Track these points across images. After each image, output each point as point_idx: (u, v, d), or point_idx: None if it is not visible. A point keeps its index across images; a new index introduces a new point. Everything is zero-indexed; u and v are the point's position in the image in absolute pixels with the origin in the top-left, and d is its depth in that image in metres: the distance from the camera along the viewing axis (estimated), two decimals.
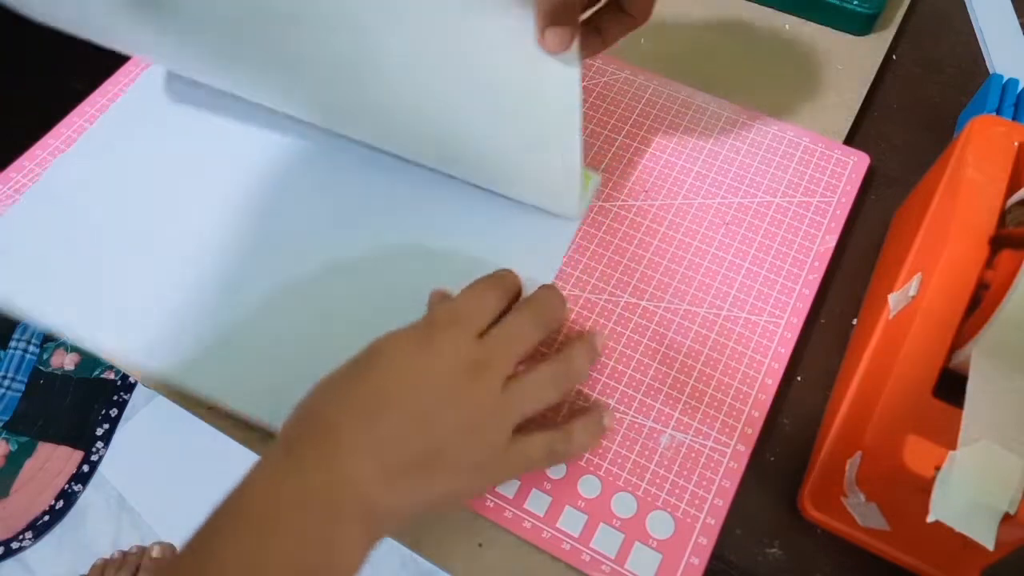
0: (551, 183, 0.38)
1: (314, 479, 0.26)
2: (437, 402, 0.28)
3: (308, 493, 0.26)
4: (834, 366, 0.38)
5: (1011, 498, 0.24)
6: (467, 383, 0.29)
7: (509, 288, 0.33)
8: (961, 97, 0.46)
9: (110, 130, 0.45)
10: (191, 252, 0.40)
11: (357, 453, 0.27)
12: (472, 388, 0.29)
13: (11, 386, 1.04)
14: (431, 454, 0.28)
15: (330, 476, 0.26)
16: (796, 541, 0.34)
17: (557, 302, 0.33)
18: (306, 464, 0.27)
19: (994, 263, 0.30)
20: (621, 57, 0.48)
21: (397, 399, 0.28)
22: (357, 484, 0.26)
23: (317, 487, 0.26)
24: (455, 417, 0.28)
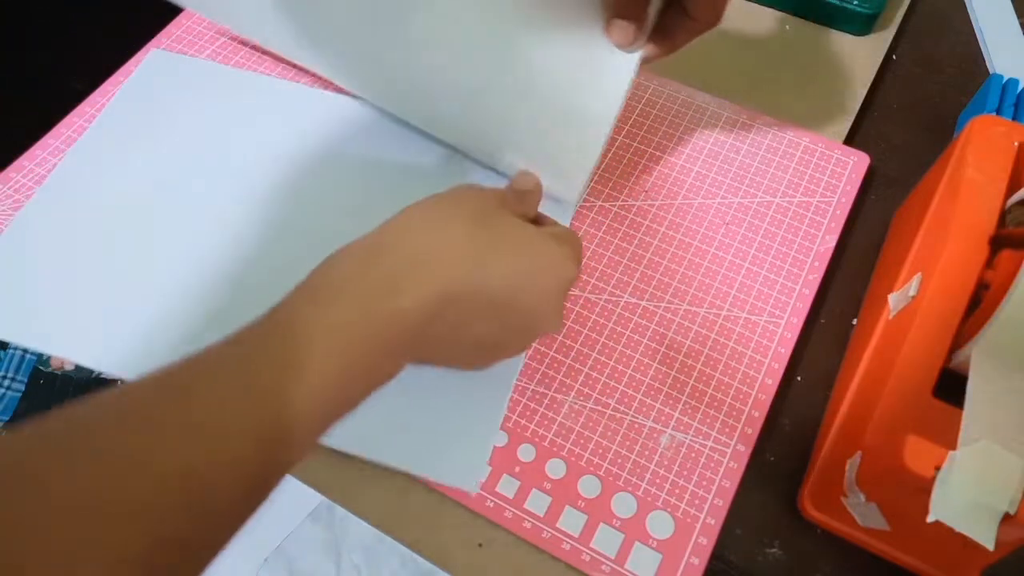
0: (565, 163, 0.38)
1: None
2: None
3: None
4: (834, 366, 0.38)
5: (1011, 498, 0.24)
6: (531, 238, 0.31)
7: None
8: (961, 97, 0.46)
9: (86, 159, 0.45)
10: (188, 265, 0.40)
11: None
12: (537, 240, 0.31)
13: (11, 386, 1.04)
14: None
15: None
16: (796, 541, 0.34)
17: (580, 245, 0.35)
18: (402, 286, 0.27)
19: (994, 263, 0.30)
20: None
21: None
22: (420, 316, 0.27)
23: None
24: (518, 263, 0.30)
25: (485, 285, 0.29)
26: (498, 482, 0.34)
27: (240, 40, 0.50)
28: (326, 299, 0.26)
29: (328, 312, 0.26)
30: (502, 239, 0.30)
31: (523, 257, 0.30)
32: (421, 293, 0.27)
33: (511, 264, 0.29)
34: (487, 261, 0.29)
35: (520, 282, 0.30)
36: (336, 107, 0.46)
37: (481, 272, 0.29)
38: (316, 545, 1.05)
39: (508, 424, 0.36)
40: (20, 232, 0.42)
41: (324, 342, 0.25)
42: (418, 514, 0.34)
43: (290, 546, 1.04)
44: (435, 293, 0.27)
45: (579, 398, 0.36)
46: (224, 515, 0.23)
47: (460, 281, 0.28)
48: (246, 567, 1.03)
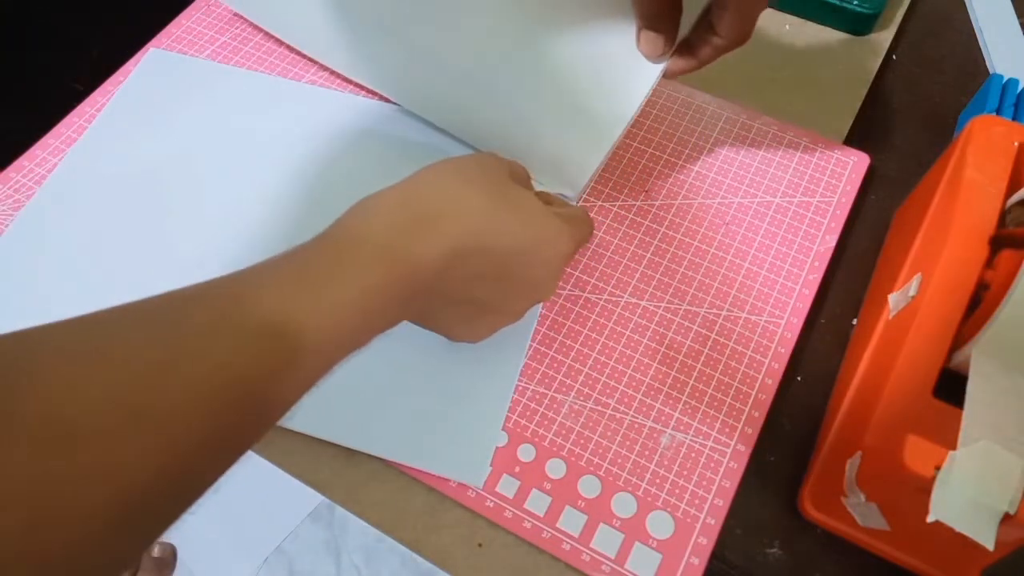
0: (573, 160, 0.38)
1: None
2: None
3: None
4: (834, 366, 0.38)
5: (1011, 498, 0.24)
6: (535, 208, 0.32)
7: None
8: (961, 97, 0.46)
9: (79, 167, 0.45)
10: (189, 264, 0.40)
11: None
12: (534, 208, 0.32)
13: None
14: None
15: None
16: (796, 541, 0.34)
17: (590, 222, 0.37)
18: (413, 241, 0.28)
19: (994, 263, 0.30)
20: None
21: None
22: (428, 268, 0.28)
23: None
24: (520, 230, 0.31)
25: (496, 244, 0.30)
26: (498, 482, 0.34)
27: (240, 40, 0.50)
28: (353, 240, 0.27)
29: (353, 253, 0.27)
30: (517, 206, 0.31)
31: (532, 227, 0.31)
32: (436, 243, 0.28)
33: (521, 230, 0.31)
34: (500, 223, 0.30)
35: (527, 247, 0.31)
36: (335, 105, 0.46)
37: (493, 232, 0.30)
38: (316, 545, 1.05)
39: (508, 424, 0.36)
40: (21, 233, 0.42)
41: (350, 271, 0.26)
42: (418, 514, 0.34)
43: (290, 546, 1.04)
44: (448, 246, 0.28)
45: (579, 398, 0.36)
46: (235, 428, 0.23)
47: (473, 236, 0.29)
48: (246, 567, 1.03)
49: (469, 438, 0.35)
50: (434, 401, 0.36)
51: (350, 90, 0.47)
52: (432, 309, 0.32)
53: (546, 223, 0.32)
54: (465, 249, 0.29)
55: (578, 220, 0.35)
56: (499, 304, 0.33)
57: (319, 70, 0.48)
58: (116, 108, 0.46)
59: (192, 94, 0.47)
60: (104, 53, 0.46)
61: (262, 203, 0.42)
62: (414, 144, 0.44)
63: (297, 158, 0.44)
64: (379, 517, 0.34)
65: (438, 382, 0.36)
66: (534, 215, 0.32)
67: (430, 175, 0.31)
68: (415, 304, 0.29)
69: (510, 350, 0.37)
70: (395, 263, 0.27)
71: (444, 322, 0.33)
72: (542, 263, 0.32)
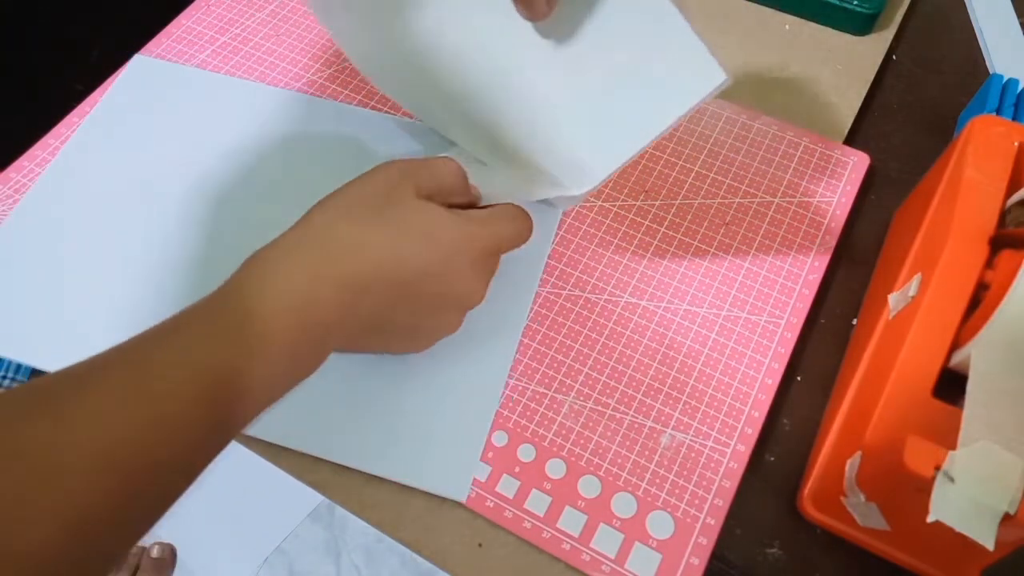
0: (594, 160, 0.38)
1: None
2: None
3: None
4: (834, 366, 0.38)
5: (1011, 498, 0.24)
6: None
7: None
8: (961, 97, 0.46)
9: (65, 172, 0.44)
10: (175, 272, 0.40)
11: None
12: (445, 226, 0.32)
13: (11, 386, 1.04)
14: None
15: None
16: (796, 541, 0.34)
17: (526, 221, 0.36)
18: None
19: (994, 263, 0.30)
20: None
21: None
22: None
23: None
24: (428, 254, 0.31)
25: (398, 272, 0.30)
26: (498, 482, 0.34)
27: (239, 41, 0.50)
28: (251, 294, 0.28)
29: (257, 303, 0.27)
30: (415, 227, 0.31)
31: (434, 244, 0.31)
32: (334, 285, 0.28)
33: (422, 251, 0.31)
34: (398, 250, 0.30)
35: (432, 267, 0.31)
36: (320, 112, 0.46)
37: (393, 261, 0.30)
38: (316, 545, 1.05)
39: (508, 424, 0.36)
40: (4, 243, 0.41)
41: (255, 331, 0.27)
42: (418, 514, 0.34)
43: (290, 546, 1.04)
44: (347, 284, 0.29)
45: (579, 398, 0.36)
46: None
47: (372, 269, 0.29)
48: (246, 567, 1.03)
49: (451, 454, 0.35)
50: (416, 416, 0.36)
51: (339, 99, 0.47)
52: (354, 342, 0.33)
53: (451, 235, 0.32)
54: (366, 285, 0.29)
55: (496, 219, 0.34)
56: (424, 325, 0.34)
57: (311, 77, 0.48)
58: (100, 115, 0.46)
59: (177, 101, 0.47)
60: (104, 53, 0.46)
61: (245, 207, 0.42)
62: (398, 153, 0.44)
63: (280, 164, 0.44)
64: (379, 517, 0.34)
65: (421, 397, 0.36)
66: (435, 230, 0.31)
67: (320, 217, 0.31)
68: (331, 344, 0.30)
69: (494, 366, 0.37)
70: (295, 317, 0.27)
71: (376, 347, 0.34)
72: (456, 276, 0.32)
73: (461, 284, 0.33)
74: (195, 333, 0.26)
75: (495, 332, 0.38)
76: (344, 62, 0.48)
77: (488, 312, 0.38)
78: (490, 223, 0.34)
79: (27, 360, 0.38)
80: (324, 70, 0.48)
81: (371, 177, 0.32)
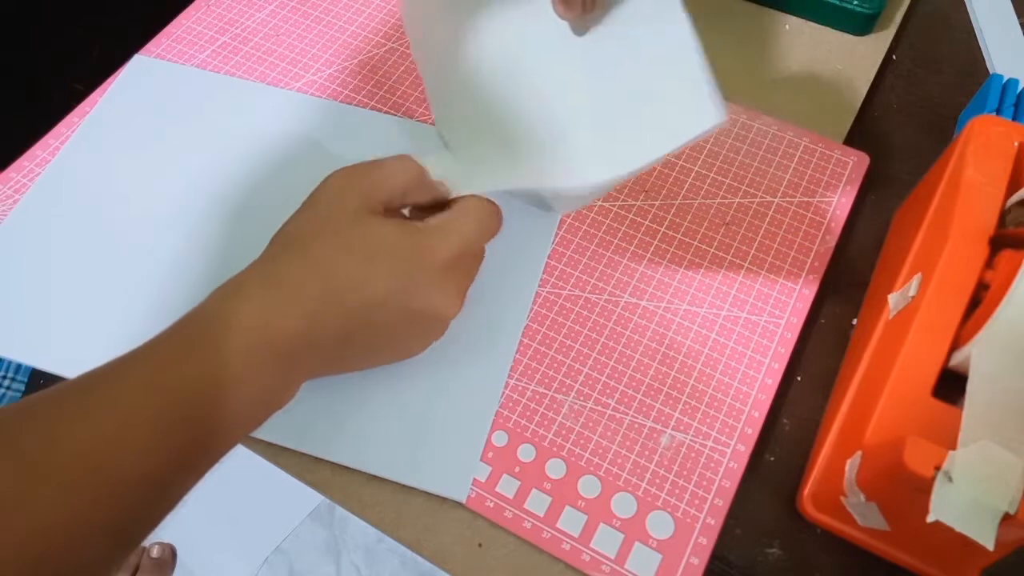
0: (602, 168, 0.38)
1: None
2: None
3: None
4: (834, 366, 0.38)
5: (1011, 498, 0.24)
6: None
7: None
8: (961, 97, 0.46)
9: (66, 170, 0.45)
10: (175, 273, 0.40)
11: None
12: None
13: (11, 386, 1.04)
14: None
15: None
16: (796, 541, 0.34)
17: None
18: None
19: (994, 263, 0.30)
20: None
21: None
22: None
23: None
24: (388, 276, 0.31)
25: (347, 299, 0.30)
26: (498, 482, 0.34)
27: (239, 41, 0.50)
28: (218, 326, 0.28)
29: (223, 335, 0.28)
30: (368, 248, 0.30)
31: (375, 265, 0.30)
32: (293, 317, 0.29)
33: (365, 273, 0.30)
34: (353, 275, 0.30)
35: (381, 289, 0.30)
36: (320, 112, 0.46)
37: (337, 290, 0.30)
38: (316, 545, 1.05)
39: (508, 424, 0.36)
40: (4, 243, 0.41)
41: (222, 361, 0.27)
42: (418, 514, 0.34)
43: (290, 546, 1.04)
44: (305, 315, 0.29)
45: (579, 398, 0.36)
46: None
47: (321, 301, 0.29)
48: (246, 567, 1.03)
49: (451, 454, 0.35)
50: (416, 416, 0.36)
51: (338, 99, 0.47)
52: (330, 365, 0.32)
53: (401, 252, 0.31)
54: (321, 315, 0.29)
55: (456, 220, 0.33)
56: (400, 337, 0.33)
57: (311, 77, 0.48)
58: (100, 115, 0.46)
59: (177, 101, 0.47)
60: (104, 53, 0.46)
61: (245, 207, 0.42)
62: (403, 151, 0.44)
63: (279, 164, 0.44)
64: (379, 517, 0.34)
65: (421, 397, 0.36)
66: (380, 251, 0.31)
67: (271, 250, 0.31)
68: (301, 376, 0.30)
69: (494, 366, 0.37)
70: (261, 353, 0.28)
71: (357, 366, 0.34)
72: (418, 290, 0.31)
73: (426, 298, 0.32)
74: (164, 359, 0.27)
75: (495, 332, 0.38)
76: (344, 62, 0.48)
77: (488, 312, 0.38)
78: (448, 228, 0.33)
79: (27, 360, 0.38)
80: (324, 70, 0.48)
81: (316, 198, 0.32)
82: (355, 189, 0.32)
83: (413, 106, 0.46)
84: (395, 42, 0.49)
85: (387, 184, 0.33)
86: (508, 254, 0.40)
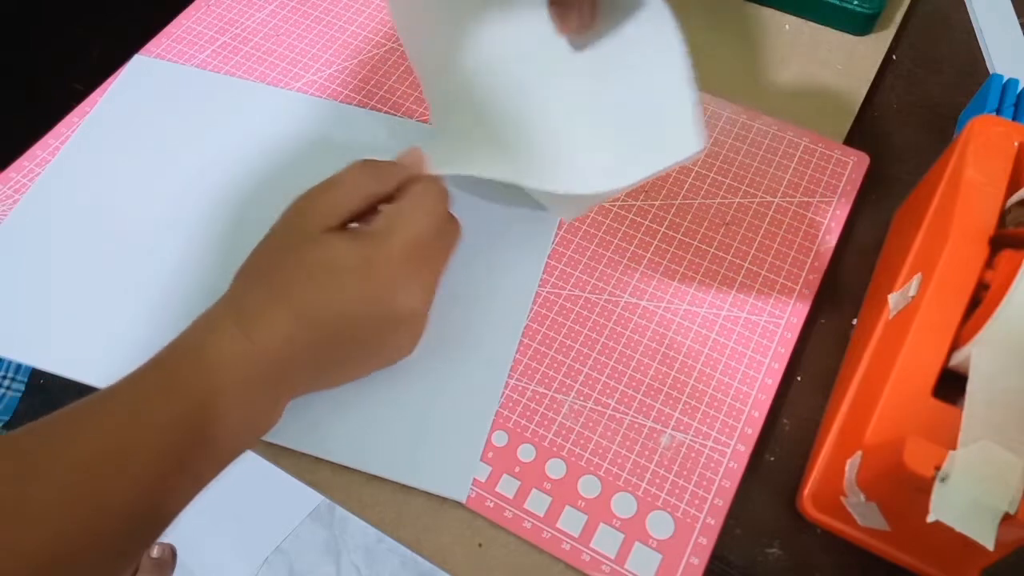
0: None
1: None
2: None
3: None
4: (834, 366, 0.38)
5: (1011, 498, 0.24)
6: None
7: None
8: (961, 97, 0.46)
9: (65, 173, 0.44)
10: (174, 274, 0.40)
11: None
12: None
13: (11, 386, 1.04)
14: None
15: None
16: (796, 541, 0.34)
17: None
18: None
19: (994, 263, 0.30)
20: None
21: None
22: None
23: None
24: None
25: (315, 326, 0.31)
26: (498, 482, 0.34)
27: (239, 41, 0.50)
28: (197, 357, 0.29)
29: (204, 364, 0.29)
30: (313, 276, 0.31)
31: (339, 281, 0.31)
32: (268, 350, 0.30)
33: (332, 294, 0.31)
34: (313, 301, 0.31)
35: (348, 302, 0.31)
36: (320, 112, 0.46)
37: (310, 314, 0.30)
38: (316, 545, 1.05)
39: (508, 424, 0.36)
40: (4, 242, 0.41)
41: (206, 388, 0.29)
42: (418, 514, 0.34)
43: (290, 546, 1.04)
44: (280, 344, 0.30)
45: (579, 398, 0.36)
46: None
47: (294, 334, 0.30)
48: (246, 567, 1.03)
49: (451, 454, 0.35)
50: (416, 416, 0.36)
51: (338, 99, 0.47)
52: (316, 382, 0.33)
53: (358, 259, 0.31)
54: (296, 339, 0.30)
55: (402, 214, 0.33)
56: (381, 344, 0.34)
57: (311, 77, 0.48)
58: (100, 115, 0.46)
59: (177, 101, 0.47)
60: (104, 53, 0.46)
61: (245, 207, 0.42)
62: (397, 153, 0.44)
63: (279, 164, 0.44)
64: (379, 517, 0.34)
65: (421, 397, 0.36)
66: (344, 262, 0.31)
67: (247, 283, 0.32)
68: (284, 392, 0.31)
69: (494, 366, 0.37)
70: (243, 382, 0.29)
71: (345, 378, 0.35)
72: (384, 294, 0.32)
73: (390, 300, 0.32)
74: (147, 395, 0.28)
75: (495, 332, 0.38)
76: (344, 62, 0.48)
77: (488, 312, 0.38)
78: (395, 225, 0.32)
79: (27, 360, 0.38)
80: (324, 70, 0.48)
81: (276, 228, 0.33)
82: (313, 213, 0.33)
83: (413, 106, 0.46)
84: (395, 42, 0.49)
85: (345, 202, 0.33)
86: (508, 254, 0.40)
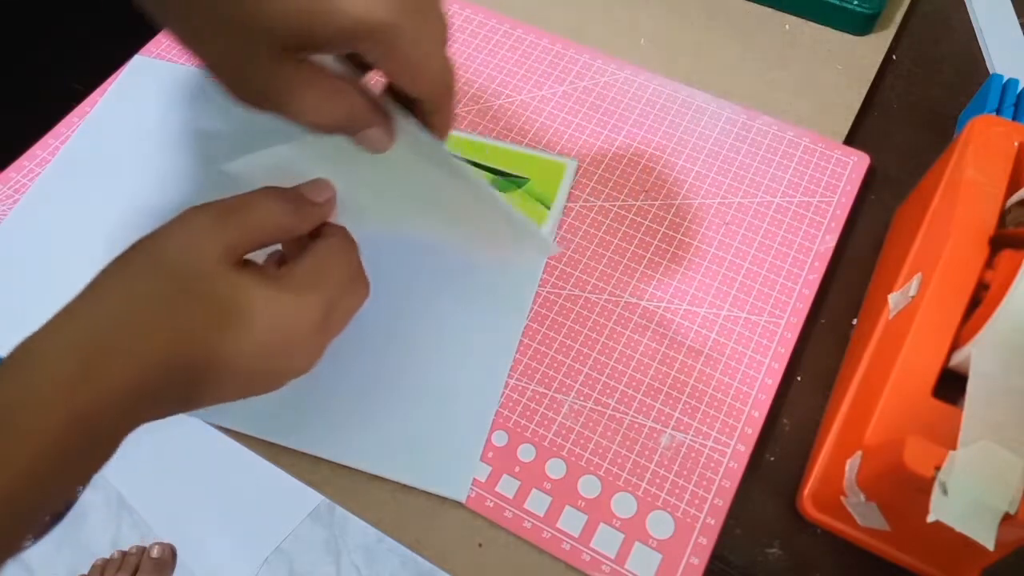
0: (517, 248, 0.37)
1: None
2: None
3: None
4: (834, 366, 0.38)
5: (1011, 498, 0.24)
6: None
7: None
8: (961, 97, 0.46)
9: (58, 179, 0.44)
10: None
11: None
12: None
13: None
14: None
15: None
16: (796, 541, 0.34)
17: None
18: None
19: (994, 263, 0.30)
20: (621, 57, 0.48)
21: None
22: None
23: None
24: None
25: (210, 352, 0.26)
26: (498, 482, 0.34)
27: None
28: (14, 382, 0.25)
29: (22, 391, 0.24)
30: (226, 326, 0.26)
31: (248, 333, 0.27)
32: (131, 366, 0.25)
33: (237, 346, 0.26)
34: (203, 328, 0.26)
35: (241, 361, 0.27)
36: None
37: (199, 342, 0.26)
38: (316, 545, 1.05)
39: (508, 424, 0.36)
40: (4, 242, 0.41)
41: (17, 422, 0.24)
42: (418, 514, 0.34)
43: (290, 546, 1.04)
44: (140, 372, 0.25)
45: (579, 398, 0.36)
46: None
47: (185, 350, 0.26)
48: (246, 567, 1.03)
49: (451, 454, 0.35)
50: (417, 416, 0.36)
51: None
52: (219, 398, 0.28)
53: (275, 318, 0.27)
54: (175, 367, 0.26)
55: (324, 272, 0.29)
56: (273, 379, 0.29)
57: None
58: (100, 115, 0.46)
59: (177, 100, 0.47)
60: (104, 53, 0.46)
61: None
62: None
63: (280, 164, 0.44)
64: (379, 517, 0.34)
65: (421, 397, 0.36)
66: (259, 317, 0.27)
67: (115, 302, 0.27)
68: (144, 417, 0.26)
69: (494, 366, 0.37)
70: (68, 408, 0.24)
71: (253, 392, 0.29)
72: (291, 354, 0.28)
73: (289, 363, 0.28)
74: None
75: (495, 332, 0.38)
76: None
77: (488, 312, 0.38)
78: (318, 285, 0.29)
79: None
80: None
81: (166, 245, 0.28)
82: (219, 239, 0.28)
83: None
84: None
85: (255, 234, 0.29)
86: (508, 254, 0.40)
